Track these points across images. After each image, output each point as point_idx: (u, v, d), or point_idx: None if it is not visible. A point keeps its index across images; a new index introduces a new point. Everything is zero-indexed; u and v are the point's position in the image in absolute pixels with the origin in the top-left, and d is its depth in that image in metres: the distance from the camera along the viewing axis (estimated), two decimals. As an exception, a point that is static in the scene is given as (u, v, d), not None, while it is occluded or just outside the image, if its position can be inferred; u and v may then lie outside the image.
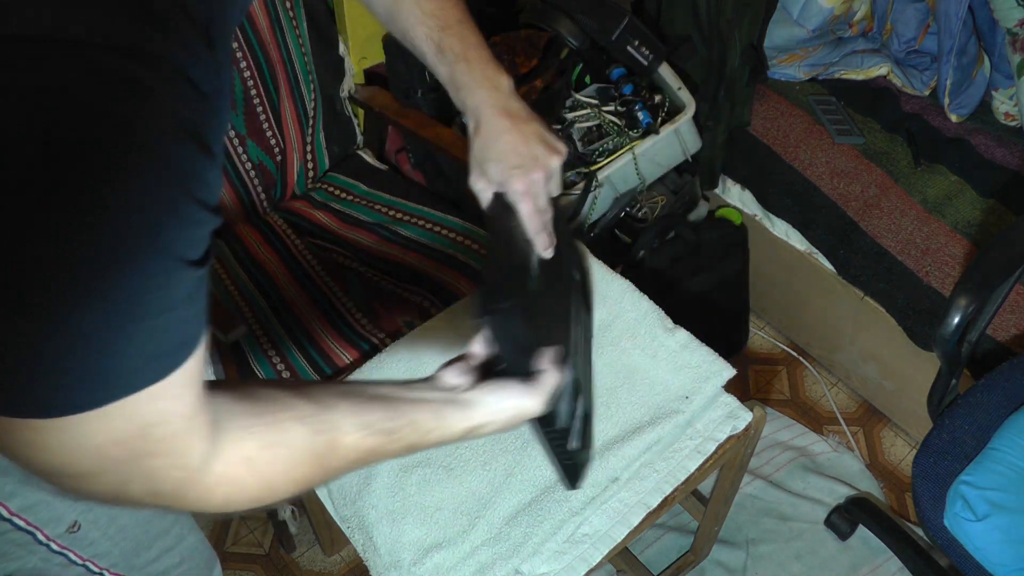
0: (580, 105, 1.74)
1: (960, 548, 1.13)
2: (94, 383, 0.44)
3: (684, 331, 1.21)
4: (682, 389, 1.15)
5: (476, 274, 1.46)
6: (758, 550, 1.61)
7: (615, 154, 1.69)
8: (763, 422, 1.15)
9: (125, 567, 0.92)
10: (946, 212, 1.60)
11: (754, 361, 1.98)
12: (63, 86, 0.38)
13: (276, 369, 1.32)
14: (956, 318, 1.11)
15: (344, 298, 1.43)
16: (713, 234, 1.76)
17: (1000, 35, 1.72)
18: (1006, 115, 1.76)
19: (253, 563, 1.63)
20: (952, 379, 1.25)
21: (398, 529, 1.02)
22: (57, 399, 0.44)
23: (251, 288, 1.46)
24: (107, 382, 0.45)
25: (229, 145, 1.48)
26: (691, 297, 1.77)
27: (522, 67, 1.72)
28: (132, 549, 0.92)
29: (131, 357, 0.45)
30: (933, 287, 1.55)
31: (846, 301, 1.76)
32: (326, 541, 1.52)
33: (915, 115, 1.79)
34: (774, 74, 1.88)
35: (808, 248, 1.79)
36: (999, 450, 1.17)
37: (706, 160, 1.87)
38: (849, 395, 1.91)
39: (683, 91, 1.74)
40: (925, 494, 1.18)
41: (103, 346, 0.43)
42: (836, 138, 1.74)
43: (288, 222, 1.57)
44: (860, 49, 1.88)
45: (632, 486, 1.06)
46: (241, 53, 1.45)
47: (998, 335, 1.48)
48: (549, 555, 0.99)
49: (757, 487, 1.70)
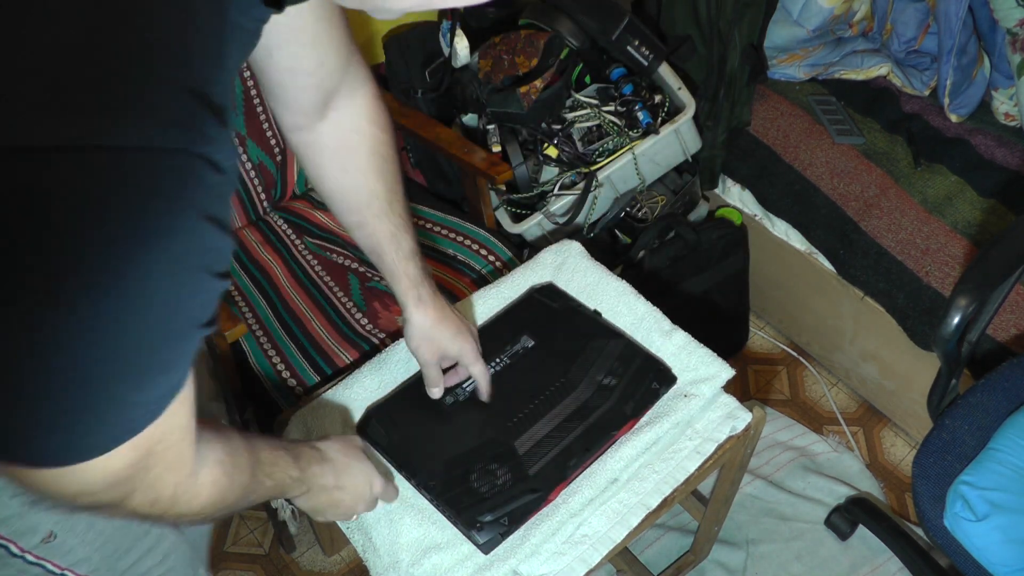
0: (580, 105, 1.74)
1: (960, 548, 1.13)
2: (116, 429, 0.52)
3: (682, 332, 1.21)
4: (681, 390, 1.15)
5: (476, 274, 1.46)
6: (758, 550, 1.60)
7: (615, 154, 1.69)
8: (763, 422, 1.15)
9: (107, 571, 0.91)
10: (946, 212, 1.60)
11: (754, 361, 1.98)
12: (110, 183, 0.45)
13: (276, 369, 1.33)
14: (956, 318, 1.11)
15: (344, 298, 1.43)
16: (713, 234, 1.76)
17: (1000, 35, 1.72)
18: (1006, 115, 1.76)
19: (253, 563, 1.63)
20: (952, 379, 1.25)
21: (396, 530, 1.02)
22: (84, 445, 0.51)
23: (251, 288, 1.46)
24: (129, 426, 0.53)
25: (229, 145, 1.48)
26: (691, 297, 1.77)
27: (522, 67, 1.72)
28: (112, 553, 0.91)
29: (151, 403, 0.53)
30: (933, 287, 1.55)
31: (846, 301, 1.76)
32: (326, 541, 1.52)
33: (915, 115, 1.79)
34: (774, 74, 1.88)
35: (808, 248, 1.79)
36: (999, 450, 1.17)
37: (706, 160, 1.86)
38: (849, 395, 1.91)
39: (683, 91, 1.74)
40: (925, 494, 1.18)
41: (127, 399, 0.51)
42: (836, 138, 1.74)
43: (288, 222, 1.57)
44: (860, 49, 1.88)
45: (632, 487, 1.06)
46: (241, 53, 1.45)
47: (998, 335, 1.48)
48: (548, 556, 0.99)
49: (757, 487, 1.69)
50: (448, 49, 1.73)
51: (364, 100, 0.94)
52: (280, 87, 0.87)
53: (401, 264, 1.01)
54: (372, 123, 0.95)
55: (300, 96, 0.89)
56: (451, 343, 1.07)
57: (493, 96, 1.66)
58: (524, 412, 1.11)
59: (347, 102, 0.92)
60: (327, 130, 0.93)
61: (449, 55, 1.73)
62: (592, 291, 1.28)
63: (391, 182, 0.98)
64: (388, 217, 0.99)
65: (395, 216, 0.99)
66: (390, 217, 0.99)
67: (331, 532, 1.45)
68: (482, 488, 1.03)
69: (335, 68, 0.88)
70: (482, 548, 0.99)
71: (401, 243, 1.00)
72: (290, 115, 0.92)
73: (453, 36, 1.70)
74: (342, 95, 0.92)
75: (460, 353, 1.09)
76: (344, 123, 0.93)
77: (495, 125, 1.67)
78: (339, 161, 0.95)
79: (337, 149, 0.95)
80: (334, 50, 0.86)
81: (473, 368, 1.10)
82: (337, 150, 0.95)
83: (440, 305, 1.07)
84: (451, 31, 1.70)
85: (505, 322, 1.23)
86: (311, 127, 0.93)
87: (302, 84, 0.87)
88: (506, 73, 1.72)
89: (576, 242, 1.34)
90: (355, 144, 0.95)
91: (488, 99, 1.67)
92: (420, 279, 1.04)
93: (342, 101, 0.92)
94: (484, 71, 1.73)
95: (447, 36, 1.72)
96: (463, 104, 1.73)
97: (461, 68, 1.74)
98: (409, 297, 1.04)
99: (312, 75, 0.86)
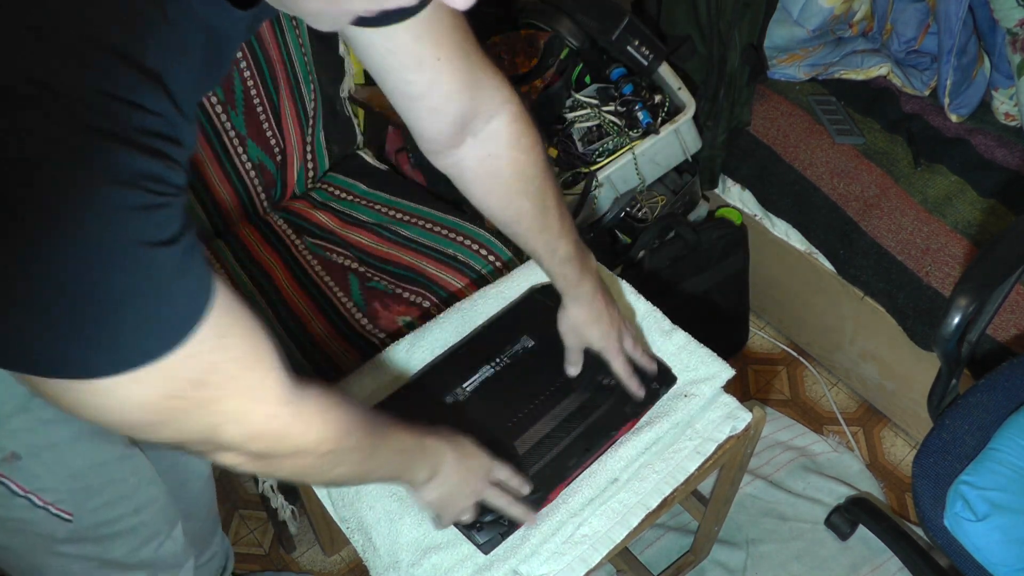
0: (580, 105, 1.74)
1: (960, 548, 1.13)
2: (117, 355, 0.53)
3: (682, 332, 1.21)
4: (681, 390, 1.15)
5: (476, 274, 1.46)
6: (758, 550, 1.61)
7: (615, 154, 1.69)
8: (763, 422, 1.15)
9: (73, 506, 0.91)
10: (946, 212, 1.60)
11: (754, 361, 1.98)
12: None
13: (276, 369, 1.32)
14: (956, 318, 1.11)
15: (344, 298, 1.43)
16: (713, 234, 1.76)
17: (1000, 35, 1.72)
18: (1006, 115, 1.76)
19: (253, 563, 1.63)
20: (952, 379, 1.25)
21: (396, 530, 1.02)
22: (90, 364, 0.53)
23: (251, 288, 1.46)
24: (133, 354, 0.54)
25: (229, 145, 1.48)
26: (691, 297, 1.77)
27: (522, 67, 1.72)
28: (82, 490, 0.92)
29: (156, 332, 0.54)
30: (933, 287, 1.55)
31: (846, 301, 1.76)
32: (326, 541, 1.53)
33: (915, 115, 1.79)
34: (774, 74, 1.88)
35: (808, 248, 1.79)
36: (999, 450, 1.17)
37: (706, 160, 1.86)
38: (849, 395, 1.91)
39: (683, 91, 1.74)
40: (925, 494, 1.18)
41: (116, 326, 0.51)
42: (836, 138, 1.74)
43: (288, 222, 1.57)
44: (860, 49, 1.88)
45: (631, 487, 1.06)
46: (241, 53, 1.45)
47: (998, 335, 1.48)
48: (548, 556, 0.99)
49: (757, 487, 1.69)
50: (448, 49, 1.73)
51: (503, 124, 0.90)
52: (403, 112, 0.85)
53: (557, 268, 1.02)
54: (512, 147, 0.92)
55: (423, 123, 0.86)
56: (597, 341, 1.10)
57: (493, 96, 1.66)
58: (524, 412, 1.11)
59: (483, 127, 0.90)
60: (466, 155, 0.91)
61: (449, 55, 1.73)
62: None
63: (538, 199, 0.96)
64: (540, 232, 0.98)
65: (547, 230, 0.98)
66: (542, 231, 0.98)
67: (331, 532, 1.45)
68: None
69: (454, 92, 0.84)
70: (482, 548, 1.00)
71: (556, 251, 1.00)
72: (421, 141, 0.90)
73: (453, 36, 1.70)
74: (478, 120, 0.89)
75: (602, 350, 1.11)
76: (481, 150, 0.91)
77: (495, 125, 1.67)
78: (481, 185, 0.94)
79: (477, 174, 0.93)
80: (447, 72, 0.82)
81: (614, 364, 1.11)
82: (478, 175, 0.93)
83: (598, 307, 1.07)
84: (451, 31, 1.70)
85: (505, 322, 1.23)
86: (447, 153, 0.91)
87: (421, 110, 0.84)
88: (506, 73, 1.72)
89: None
90: (496, 170, 0.93)
91: (488, 99, 1.67)
92: (578, 280, 1.04)
93: (478, 126, 0.89)
94: (484, 71, 1.72)
95: (447, 36, 1.72)
96: (463, 104, 1.73)
97: (461, 68, 1.74)
98: (567, 296, 1.07)
99: (427, 99, 0.83)
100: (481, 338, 1.22)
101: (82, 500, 0.93)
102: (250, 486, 1.73)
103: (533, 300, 1.26)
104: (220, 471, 1.77)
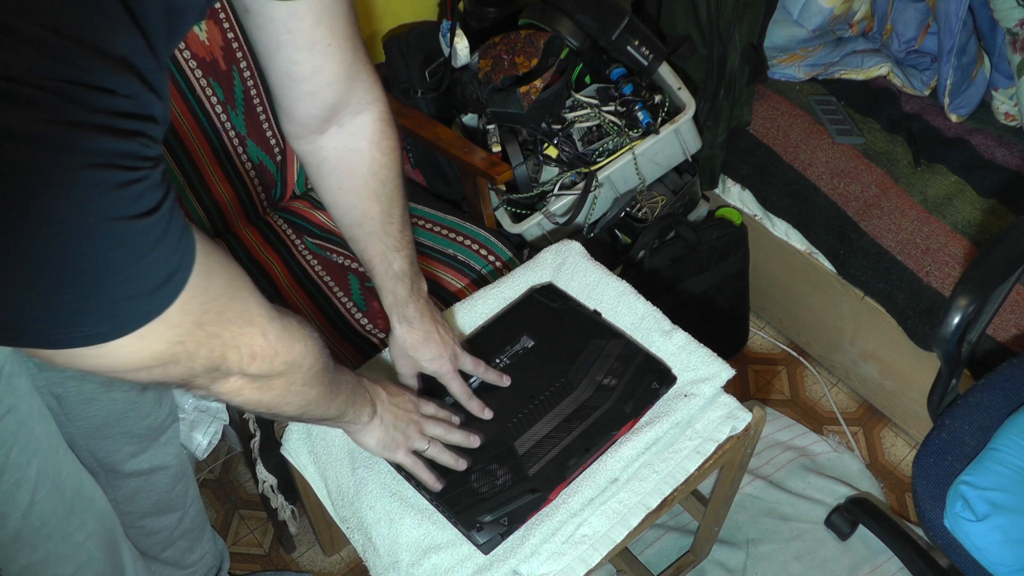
0: (580, 105, 1.74)
1: (960, 548, 1.13)
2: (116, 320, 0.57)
3: (682, 332, 1.21)
4: (681, 390, 1.15)
5: (476, 274, 1.46)
6: (758, 550, 1.61)
7: (615, 154, 1.69)
8: (763, 422, 1.15)
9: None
10: (946, 212, 1.60)
11: (754, 361, 1.98)
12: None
13: (276, 369, 1.32)
14: (956, 318, 1.11)
15: (344, 298, 1.43)
16: (713, 234, 1.76)
17: (1000, 35, 1.72)
18: (1006, 115, 1.76)
19: (253, 563, 1.63)
20: (952, 379, 1.25)
21: (396, 530, 1.02)
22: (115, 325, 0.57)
23: (251, 288, 1.46)
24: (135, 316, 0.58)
25: (229, 145, 1.48)
26: (691, 297, 1.78)
27: (522, 67, 1.72)
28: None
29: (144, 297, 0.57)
30: (933, 287, 1.55)
31: (846, 301, 1.76)
32: (326, 541, 1.52)
33: (915, 115, 1.79)
34: (774, 74, 1.88)
35: (808, 248, 1.79)
36: (999, 450, 1.17)
37: (706, 160, 1.87)
38: (849, 395, 1.91)
39: (683, 91, 1.74)
40: (925, 494, 1.18)
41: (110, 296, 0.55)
42: (836, 138, 1.74)
43: (288, 222, 1.57)
44: (860, 49, 1.88)
45: (631, 487, 1.06)
46: (241, 53, 1.45)
47: (998, 335, 1.48)
48: (548, 556, 0.99)
49: (757, 487, 1.69)
50: (448, 49, 1.73)
51: (369, 120, 0.92)
52: (279, 91, 0.87)
53: (388, 283, 1.03)
54: (373, 144, 0.93)
55: (298, 105, 0.88)
56: (428, 364, 1.10)
57: (493, 96, 1.66)
58: (524, 412, 1.11)
59: (350, 119, 0.91)
60: (327, 145, 0.92)
61: (449, 55, 1.73)
62: (592, 291, 1.28)
63: (387, 204, 0.97)
64: (380, 238, 0.99)
65: (388, 237, 0.99)
66: (382, 238, 0.99)
67: (331, 532, 1.45)
68: (482, 488, 1.03)
69: (334, 79, 0.86)
70: (482, 548, 1.00)
71: (392, 263, 1.01)
72: (289, 123, 0.91)
73: (453, 36, 1.70)
74: (347, 112, 0.90)
75: (436, 374, 1.11)
76: (343, 142, 0.92)
77: (495, 125, 1.67)
78: (335, 179, 0.95)
79: (335, 166, 0.94)
80: (334, 60, 0.84)
81: (450, 387, 1.12)
82: (335, 167, 0.94)
83: (426, 327, 1.08)
84: (451, 31, 1.70)
85: (505, 322, 1.24)
86: (310, 138, 0.92)
87: (299, 92, 0.86)
88: (506, 73, 1.72)
89: (576, 242, 1.34)
90: (353, 165, 0.94)
91: (488, 99, 1.67)
92: (407, 299, 1.04)
93: (345, 118, 0.91)
94: (484, 71, 1.73)
95: (447, 36, 1.72)
96: (463, 104, 1.73)
97: (461, 68, 1.74)
98: (394, 314, 1.06)
99: (308, 82, 0.85)
100: (481, 338, 1.22)
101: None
102: (250, 486, 1.73)
103: (533, 300, 1.26)
104: (219, 471, 1.77)
